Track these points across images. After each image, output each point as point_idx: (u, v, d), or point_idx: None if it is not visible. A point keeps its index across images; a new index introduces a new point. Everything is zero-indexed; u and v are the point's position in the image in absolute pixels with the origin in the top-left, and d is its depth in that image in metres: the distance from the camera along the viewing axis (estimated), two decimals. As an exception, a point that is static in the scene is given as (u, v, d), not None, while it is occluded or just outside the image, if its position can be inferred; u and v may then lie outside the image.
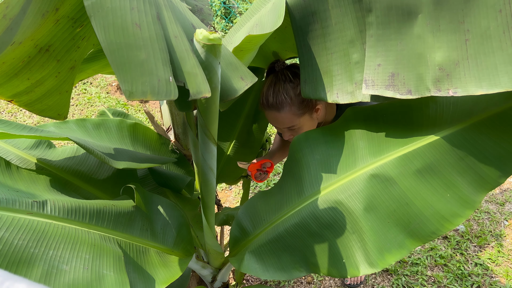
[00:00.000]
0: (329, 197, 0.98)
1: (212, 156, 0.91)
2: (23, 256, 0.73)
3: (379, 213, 0.93)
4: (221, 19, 4.65)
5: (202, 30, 0.68)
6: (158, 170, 1.35)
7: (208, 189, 0.99)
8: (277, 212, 1.07)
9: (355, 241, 0.94)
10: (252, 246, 1.08)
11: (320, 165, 1.03)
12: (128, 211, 1.01)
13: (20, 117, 3.46)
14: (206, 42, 0.67)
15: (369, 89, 0.86)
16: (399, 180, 0.92)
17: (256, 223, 1.11)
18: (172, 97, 0.61)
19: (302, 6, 0.94)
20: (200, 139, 0.88)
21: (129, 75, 0.58)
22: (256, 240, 1.09)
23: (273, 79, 1.16)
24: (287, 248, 1.03)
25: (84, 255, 0.81)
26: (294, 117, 1.15)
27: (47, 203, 0.84)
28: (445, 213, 0.88)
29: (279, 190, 1.10)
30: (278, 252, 1.04)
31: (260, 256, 1.05)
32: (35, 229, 0.78)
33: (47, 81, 0.84)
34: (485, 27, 0.75)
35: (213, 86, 0.73)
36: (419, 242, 0.90)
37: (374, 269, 0.91)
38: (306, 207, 1.01)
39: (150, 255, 0.99)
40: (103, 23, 0.58)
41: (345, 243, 0.96)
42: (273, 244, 1.05)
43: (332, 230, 0.97)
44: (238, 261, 1.07)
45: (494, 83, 0.74)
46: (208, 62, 0.70)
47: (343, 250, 0.96)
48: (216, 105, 0.80)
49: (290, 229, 1.02)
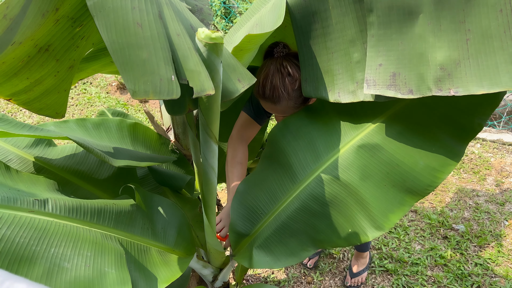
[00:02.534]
0: (324, 176, 1.01)
1: (213, 154, 0.91)
2: (25, 254, 0.74)
3: (374, 179, 0.98)
4: (221, 19, 4.65)
5: (204, 29, 0.68)
6: (158, 169, 1.35)
7: (209, 188, 0.99)
8: (274, 203, 1.08)
9: (357, 210, 0.99)
10: (257, 242, 1.08)
11: (307, 149, 1.06)
12: (129, 210, 1.01)
13: (20, 117, 3.46)
14: (208, 41, 0.67)
15: (370, 89, 0.86)
16: (385, 145, 0.98)
17: (254, 220, 1.11)
18: (174, 96, 0.61)
19: (303, 6, 0.94)
20: (202, 137, 0.88)
21: (132, 74, 0.58)
22: (258, 234, 1.09)
23: (270, 69, 1.08)
24: (293, 233, 1.05)
25: (85, 252, 0.81)
26: (289, 109, 1.12)
27: (48, 201, 0.84)
28: (435, 165, 0.95)
29: (268, 181, 1.10)
30: (285, 239, 1.05)
31: (268, 248, 1.06)
32: (37, 227, 0.78)
33: (46, 80, 0.84)
34: (486, 26, 0.74)
35: (215, 84, 0.73)
36: (418, 196, 0.97)
37: (381, 231, 0.98)
38: (303, 191, 1.04)
39: (151, 254, 0.99)
40: (105, 23, 0.58)
41: (349, 214, 1.00)
42: (278, 234, 1.06)
43: (334, 206, 1.01)
44: (245, 259, 1.07)
45: (495, 82, 0.74)
46: (210, 61, 0.70)
47: (348, 221, 1.01)
48: (217, 104, 0.80)
49: (292, 215, 1.04)
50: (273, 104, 1.10)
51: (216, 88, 0.74)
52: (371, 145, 0.99)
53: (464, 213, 2.44)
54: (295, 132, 1.09)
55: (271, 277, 2.12)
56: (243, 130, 1.32)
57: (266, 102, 1.13)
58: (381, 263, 2.15)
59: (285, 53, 1.10)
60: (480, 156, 2.96)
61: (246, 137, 1.33)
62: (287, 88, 1.07)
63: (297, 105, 1.11)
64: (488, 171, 2.80)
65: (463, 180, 2.73)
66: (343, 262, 2.19)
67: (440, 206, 2.51)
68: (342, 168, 1.00)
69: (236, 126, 1.32)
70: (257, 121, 1.31)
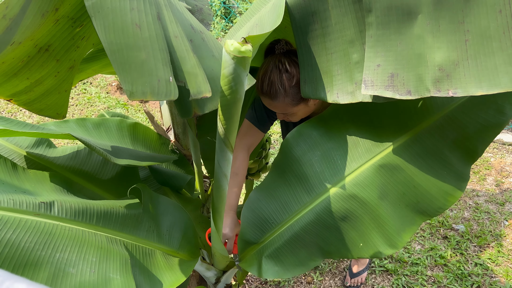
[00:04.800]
0: (343, 191, 1.02)
1: (228, 163, 0.90)
2: (30, 259, 0.73)
3: (391, 198, 1.01)
4: (221, 19, 4.65)
5: (233, 41, 0.64)
6: (159, 168, 1.35)
7: (220, 195, 0.98)
8: (287, 213, 1.07)
9: (372, 227, 1.01)
10: (267, 251, 1.07)
11: (324, 161, 1.06)
12: (135, 212, 1.00)
13: (20, 117, 3.46)
14: (236, 54, 0.65)
15: (368, 90, 0.86)
16: (404, 166, 1.00)
17: (264, 229, 1.10)
18: (172, 97, 0.61)
19: (302, 6, 0.94)
20: (218, 146, 0.86)
21: (130, 75, 0.58)
22: (268, 244, 1.08)
23: (269, 65, 1.10)
24: (304, 245, 1.05)
25: (91, 257, 0.80)
26: (288, 106, 1.13)
27: (54, 204, 0.83)
28: (447, 188, 1.00)
29: (280, 191, 1.09)
30: (296, 250, 1.05)
31: (278, 259, 1.06)
32: (42, 230, 0.77)
33: (46, 80, 0.84)
34: (485, 27, 0.74)
35: (238, 97, 0.71)
36: (428, 217, 1.01)
37: (395, 249, 1.01)
38: (320, 204, 1.03)
39: (156, 257, 0.98)
40: (104, 24, 0.58)
41: (363, 230, 1.02)
42: (290, 244, 1.06)
43: (349, 221, 1.02)
44: (253, 267, 1.07)
45: (494, 84, 0.74)
46: (236, 74, 0.67)
47: (361, 236, 1.02)
48: (238, 115, 0.77)
49: (306, 227, 1.04)
50: (271, 100, 1.12)
51: (239, 100, 0.72)
52: (392, 165, 1.01)
53: (464, 213, 2.44)
54: (309, 141, 1.08)
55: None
56: (245, 138, 1.32)
57: (264, 98, 1.14)
58: (381, 263, 2.15)
59: (285, 50, 1.12)
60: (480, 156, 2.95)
61: (248, 144, 1.33)
62: (284, 84, 1.08)
63: (295, 102, 1.11)
64: (488, 171, 2.80)
65: (463, 180, 2.72)
66: (343, 262, 2.19)
67: (440, 206, 2.51)
68: (362, 186, 1.01)
69: (239, 134, 1.31)
70: (260, 129, 1.32)
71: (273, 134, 3.28)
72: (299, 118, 1.22)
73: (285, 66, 1.08)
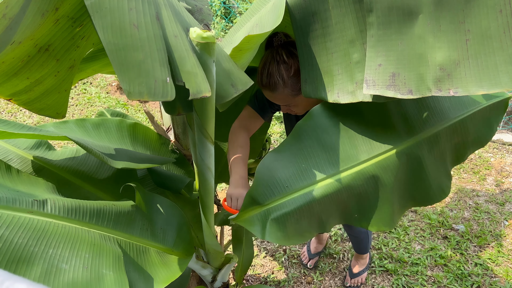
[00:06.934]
0: (367, 171, 1.04)
1: (209, 155, 0.91)
2: (23, 255, 0.73)
3: (400, 183, 1.08)
4: (221, 19, 4.65)
5: (195, 28, 0.67)
6: (157, 170, 1.35)
7: (207, 188, 0.99)
8: (304, 180, 1.04)
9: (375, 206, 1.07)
10: (274, 214, 1.02)
11: (348, 142, 1.06)
12: (128, 210, 1.00)
13: (20, 117, 3.46)
14: (200, 41, 0.67)
15: (370, 89, 0.86)
16: (423, 159, 1.08)
17: (276, 191, 1.05)
18: (168, 98, 0.61)
19: (303, 6, 0.94)
20: (197, 138, 0.87)
21: (127, 75, 0.58)
22: (277, 207, 1.03)
23: (268, 58, 1.11)
24: (310, 215, 1.02)
25: (84, 254, 0.81)
26: (288, 97, 1.13)
27: (47, 202, 0.84)
28: (443, 185, 1.13)
29: (300, 157, 1.06)
30: (301, 219, 1.02)
31: (284, 225, 1.02)
32: (35, 227, 0.78)
33: (46, 80, 0.84)
34: (485, 27, 0.74)
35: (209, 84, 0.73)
36: (416, 205, 1.15)
37: (387, 228, 1.09)
38: (343, 179, 1.03)
39: (150, 255, 0.99)
40: (102, 24, 0.58)
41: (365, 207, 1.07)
42: (298, 213, 1.02)
43: (359, 198, 1.05)
44: (256, 227, 1.02)
45: (494, 83, 0.74)
46: (202, 61, 0.69)
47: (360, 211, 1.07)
48: (212, 104, 0.80)
49: (321, 198, 1.01)
50: (271, 91, 1.12)
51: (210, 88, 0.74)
52: (414, 156, 1.07)
53: (464, 213, 2.44)
54: (341, 116, 1.08)
55: (271, 277, 2.12)
56: (245, 121, 1.31)
57: (265, 90, 1.15)
58: (381, 263, 2.15)
59: (283, 42, 1.13)
60: (480, 156, 2.95)
61: (248, 127, 1.31)
62: (282, 75, 1.08)
63: (295, 92, 1.12)
64: (488, 171, 2.80)
65: (463, 180, 2.73)
66: (343, 262, 2.19)
67: (440, 206, 2.51)
68: (385, 168, 1.05)
69: (239, 118, 1.32)
70: (260, 115, 1.31)
71: (273, 134, 3.27)
72: (303, 110, 1.22)
73: (283, 57, 1.09)
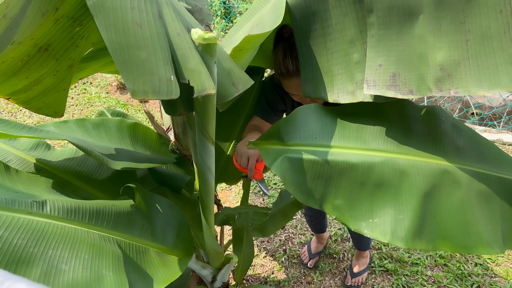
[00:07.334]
0: (399, 162, 0.95)
1: (210, 155, 0.91)
2: (22, 256, 0.73)
3: (429, 204, 0.93)
4: (221, 19, 4.65)
5: (197, 29, 0.68)
6: (158, 169, 1.35)
7: (207, 189, 0.99)
8: (338, 141, 0.98)
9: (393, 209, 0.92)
10: (291, 154, 0.97)
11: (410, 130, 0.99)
12: (128, 211, 1.00)
13: (20, 117, 3.45)
14: (201, 42, 0.67)
15: (370, 89, 0.86)
16: (464, 188, 0.94)
17: (303, 136, 1.00)
18: (173, 96, 0.61)
19: (303, 6, 0.94)
20: (198, 138, 0.87)
21: (131, 74, 0.58)
22: (296, 150, 0.98)
23: (287, 46, 1.12)
24: (318, 177, 0.96)
25: (83, 255, 0.81)
26: None
27: (46, 203, 0.84)
28: (485, 239, 0.91)
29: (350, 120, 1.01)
30: (308, 175, 0.96)
31: (293, 167, 0.96)
32: (35, 228, 0.78)
33: (45, 79, 0.84)
34: (485, 27, 0.75)
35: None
36: (445, 247, 0.92)
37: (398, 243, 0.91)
38: (373, 157, 0.95)
39: (150, 255, 0.99)
40: (105, 23, 0.58)
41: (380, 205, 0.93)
42: (312, 166, 0.96)
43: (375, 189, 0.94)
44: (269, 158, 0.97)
45: (495, 83, 0.75)
46: (204, 61, 0.70)
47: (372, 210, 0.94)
48: (212, 105, 0.80)
49: (340, 164, 0.95)
50: (299, 77, 1.10)
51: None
52: (456, 179, 0.95)
53: (464, 213, 2.44)
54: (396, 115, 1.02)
55: (271, 277, 2.12)
56: (253, 121, 1.39)
57: (291, 79, 1.15)
58: (381, 263, 2.15)
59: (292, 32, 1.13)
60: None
61: (258, 126, 1.36)
62: None
63: None
64: (488, 171, 2.80)
65: (463, 181, 2.72)
66: (343, 262, 2.19)
67: (440, 207, 2.51)
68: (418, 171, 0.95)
69: (248, 126, 1.38)
70: (266, 120, 1.37)
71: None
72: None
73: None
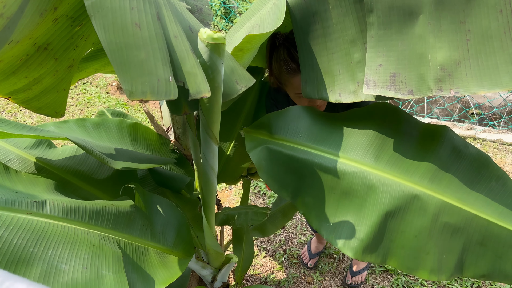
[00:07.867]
0: (370, 176, 0.93)
1: (213, 155, 0.91)
2: (22, 256, 0.73)
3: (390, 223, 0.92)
4: (221, 19, 4.65)
5: (206, 29, 0.68)
6: (158, 170, 1.34)
7: (209, 188, 0.99)
8: (319, 144, 0.99)
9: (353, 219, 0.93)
10: (272, 146, 0.99)
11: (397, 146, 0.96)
12: (128, 211, 1.00)
13: (20, 117, 3.45)
14: (210, 42, 0.67)
15: (370, 90, 0.86)
16: (429, 217, 0.92)
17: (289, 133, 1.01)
18: (172, 97, 0.61)
19: (303, 6, 0.94)
20: (202, 138, 0.87)
21: (129, 75, 0.58)
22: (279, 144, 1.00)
23: (286, 46, 1.13)
24: (292, 172, 0.98)
25: (83, 255, 0.81)
26: None
27: (46, 203, 0.83)
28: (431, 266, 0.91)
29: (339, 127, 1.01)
30: (283, 168, 0.98)
31: (270, 158, 0.98)
32: (34, 228, 0.78)
33: (45, 79, 0.83)
34: (486, 27, 0.74)
35: (216, 85, 0.73)
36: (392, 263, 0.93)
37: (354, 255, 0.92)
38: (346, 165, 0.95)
39: (150, 255, 0.99)
40: (103, 23, 0.58)
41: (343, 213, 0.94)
42: (288, 161, 0.97)
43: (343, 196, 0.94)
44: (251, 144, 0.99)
45: (495, 83, 0.74)
46: (211, 62, 0.70)
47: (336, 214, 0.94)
48: (218, 105, 0.80)
49: (315, 165, 0.95)
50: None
51: (217, 88, 0.74)
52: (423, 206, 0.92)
53: (464, 213, 2.44)
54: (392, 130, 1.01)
55: (271, 277, 2.11)
56: None
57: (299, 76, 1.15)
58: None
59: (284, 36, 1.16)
60: (480, 157, 2.95)
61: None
62: None
63: None
64: (488, 171, 2.80)
65: (463, 181, 2.72)
66: (343, 262, 2.18)
67: (440, 207, 2.50)
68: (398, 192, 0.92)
69: None
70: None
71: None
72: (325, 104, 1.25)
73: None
